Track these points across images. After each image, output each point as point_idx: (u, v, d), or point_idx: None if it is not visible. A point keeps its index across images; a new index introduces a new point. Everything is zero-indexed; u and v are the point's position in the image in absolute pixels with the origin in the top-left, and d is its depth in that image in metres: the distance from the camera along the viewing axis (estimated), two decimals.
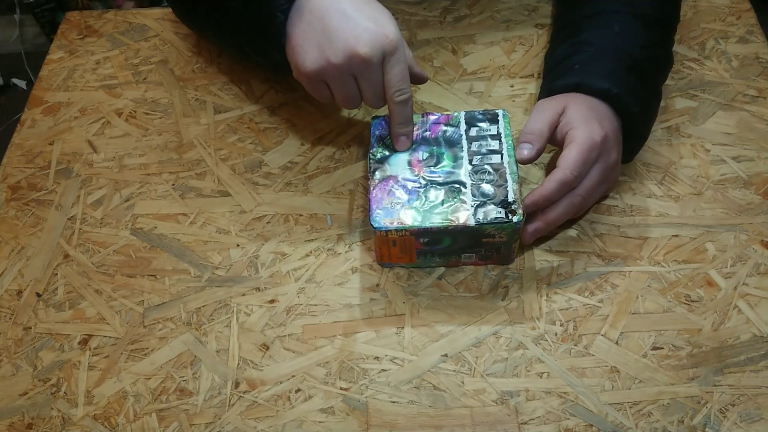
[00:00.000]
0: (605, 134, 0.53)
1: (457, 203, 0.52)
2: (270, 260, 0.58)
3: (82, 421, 0.51)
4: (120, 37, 0.78)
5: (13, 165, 0.67)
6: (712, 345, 0.52)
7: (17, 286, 0.58)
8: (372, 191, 0.53)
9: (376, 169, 0.55)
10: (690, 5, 0.75)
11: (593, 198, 0.56)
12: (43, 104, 0.72)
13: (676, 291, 0.55)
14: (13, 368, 0.54)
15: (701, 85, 0.68)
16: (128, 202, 0.63)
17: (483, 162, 0.54)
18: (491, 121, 0.57)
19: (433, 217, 0.51)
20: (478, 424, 0.49)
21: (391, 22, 0.52)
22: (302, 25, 0.53)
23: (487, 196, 0.52)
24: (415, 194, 0.53)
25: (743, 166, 0.62)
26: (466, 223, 0.51)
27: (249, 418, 0.51)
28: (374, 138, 0.57)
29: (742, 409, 0.49)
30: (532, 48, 0.73)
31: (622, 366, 0.51)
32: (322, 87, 0.55)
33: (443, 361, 0.52)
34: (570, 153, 0.52)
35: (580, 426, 0.49)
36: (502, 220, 0.50)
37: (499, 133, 0.56)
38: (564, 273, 0.56)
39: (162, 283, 0.58)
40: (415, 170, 0.54)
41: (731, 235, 0.58)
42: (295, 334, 0.54)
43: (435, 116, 0.58)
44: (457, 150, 0.55)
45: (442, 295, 0.56)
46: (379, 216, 0.52)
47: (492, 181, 0.53)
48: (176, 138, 0.68)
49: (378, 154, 0.56)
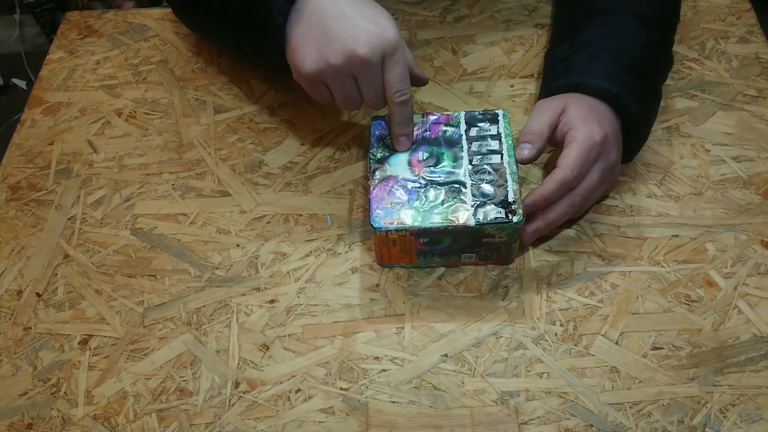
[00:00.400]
0: (605, 134, 0.53)
1: (457, 203, 0.52)
2: (270, 260, 0.58)
3: (82, 421, 0.51)
4: (120, 37, 0.78)
5: (13, 165, 0.67)
6: (712, 345, 0.52)
7: (17, 286, 0.58)
8: (372, 191, 0.53)
9: (376, 169, 0.55)
10: (690, 5, 0.75)
11: (593, 198, 0.56)
12: (43, 104, 0.72)
13: (676, 291, 0.55)
14: (13, 368, 0.54)
15: (701, 85, 0.68)
16: (128, 202, 0.63)
17: (483, 162, 0.54)
18: (491, 121, 0.57)
19: (433, 217, 0.51)
20: (478, 424, 0.49)
21: (391, 22, 0.52)
22: (301, 27, 0.53)
23: (487, 196, 0.52)
24: (415, 194, 0.53)
25: (743, 166, 0.62)
26: (466, 223, 0.51)
27: (249, 418, 0.51)
28: (374, 138, 0.57)
29: (742, 409, 0.49)
30: (532, 48, 0.73)
31: (622, 366, 0.51)
32: (322, 88, 0.55)
33: (443, 361, 0.52)
34: (570, 153, 0.52)
35: (580, 426, 0.49)
36: (502, 220, 0.50)
37: (499, 133, 0.56)
38: (564, 273, 0.56)
39: (162, 283, 0.58)
40: (415, 170, 0.54)
41: (731, 235, 0.58)
42: (295, 334, 0.54)
43: (435, 116, 0.58)
44: (457, 150, 0.55)
45: (442, 295, 0.56)
46: (379, 216, 0.52)
47: (492, 181, 0.53)
48: (176, 138, 0.68)
49: (378, 154, 0.56)
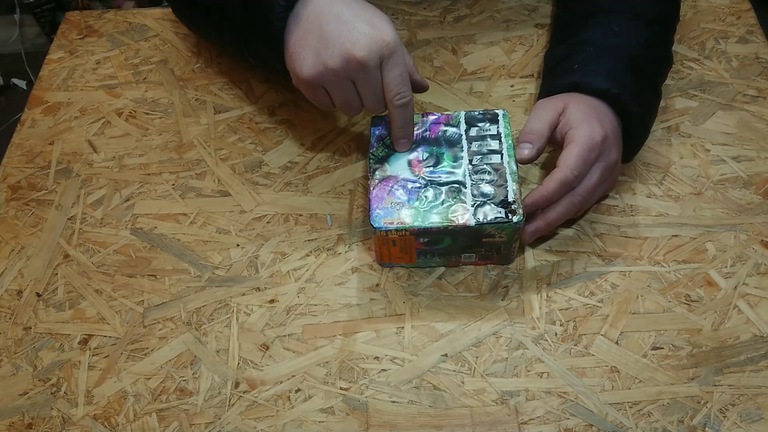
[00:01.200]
0: (605, 134, 0.53)
1: (456, 203, 0.52)
2: (270, 260, 0.58)
3: (82, 421, 0.51)
4: (120, 37, 0.78)
5: (13, 165, 0.67)
6: (712, 345, 0.52)
7: (17, 286, 0.58)
8: (372, 191, 0.53)
9: (376, 169, 0.55)
10: (690, 5, 0.75)
11: (593, 198, 0.56)
12: (43, 104, 0.72)
13: (676, 291, 0.55)
14: (13, 368, 0.54)
15: (701, 85, 0.68)
16: (128, 202, 0.63)
17: (483, 162, 0.54)
18: (491, 120, 0.57)
19: (433, 217, 0.51)
20: (478, 424, 0.49)
21: (389, 25, 0.52)
22: (299, 32, 0.53)
23: (487, 196, 0.52)
24: (415, 194, 0.53)
25: (743, 166, 0.62)
26: (466, 223, 0.51)
27: (249, 418, 0.51)
28: (374, 138, 0.57)
29: (742, 409, 0.49)
30: (532, 48, 0.73)
31: (622, 366, 0.51)
32: (322, 93, 0.55)
33: (443, 361, 0.52)
34: (570, 152, 0.52)
35: (580, 426, 0.49)
36: (502, 220, 0.50)
37: (499, 133, 0.56)
38: (564, 273, 0.56)
39: (162, 283, 0.58)
40: (415, 170, 0.54)
41: (731, 235, 0.58)
42: (295, 334, 0.54)
43: (435, 116, 0.58)
44: (457, 150, 0.55)
45: (442, 295, 0.56)
46: (379, 216, 0.52)
47: (492, 181, 0.53)
48: (176, 138, 0.68)
49: (378, 154, 0.56)
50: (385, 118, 0.58)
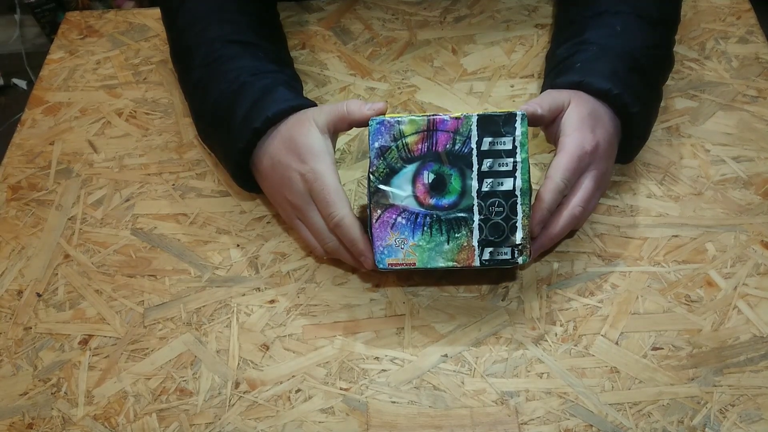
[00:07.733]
0: (596, 143, 0.53)
1: (462, 240, 0.50)
2: (270, 260, 0.58)
3: (82, 421, 0.51)
4: (120, 37, 0.78)
5: (14, 165, 0.67)
6: (712, 345, 0.52)
7: (17, 286, 0.58)
8: (374, 224, 0.51)
9: (377, 196, 0.51)
10: (690, 5, 0.75)
11: (591, 206, 0.56)
12: (43, 104, 0.72)
13: (676, 291, 0.55)
14: (14, 368, 0.54)
15: (701, 85, 0.68)
16: (128, 202, 0.63)
17: (493, 187, 0.51)
18: (506, 125, 0.50)
19: (438, 258, 0.50)
20: (478, 424, 0.49)
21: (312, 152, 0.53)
22: (262, 170, 0.56)
23: (494, 233, 0.50)
24: (419, 229, 0.51)
25: (743, 166, 0.62)
26: (470, 263, 0.50)
27: (249, 418, 0.51)
28: (374, 152, 0.51)
29: (742, 409, 0.49)
30: (532, 48, 0.73)
31: (622, 366, 0.51)
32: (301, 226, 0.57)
33: (443, 361, 0.52)
34: (559, 162, 0.52)
35: (580, 426, 0.49)
36: (508, 260, 0.50)
37: (514, 147, 0.51)
38: (564, 273, 0.56)
39: (162, 283, 0.58)
40: (420, 198, 0.51)
41: (731, 235, 0.58)
42: (295, 334, 0.54)
43: (443, 121, 0.50)
44: (466, 170, 0.51)
45: (442, 295, 0.56)
46: (384, 257, 0.51)
47: (501, 213, 0.50)
48: (176, 138, 0.68)
49: (379, 175, 0.51)
50: (385, 122, 0.52)
